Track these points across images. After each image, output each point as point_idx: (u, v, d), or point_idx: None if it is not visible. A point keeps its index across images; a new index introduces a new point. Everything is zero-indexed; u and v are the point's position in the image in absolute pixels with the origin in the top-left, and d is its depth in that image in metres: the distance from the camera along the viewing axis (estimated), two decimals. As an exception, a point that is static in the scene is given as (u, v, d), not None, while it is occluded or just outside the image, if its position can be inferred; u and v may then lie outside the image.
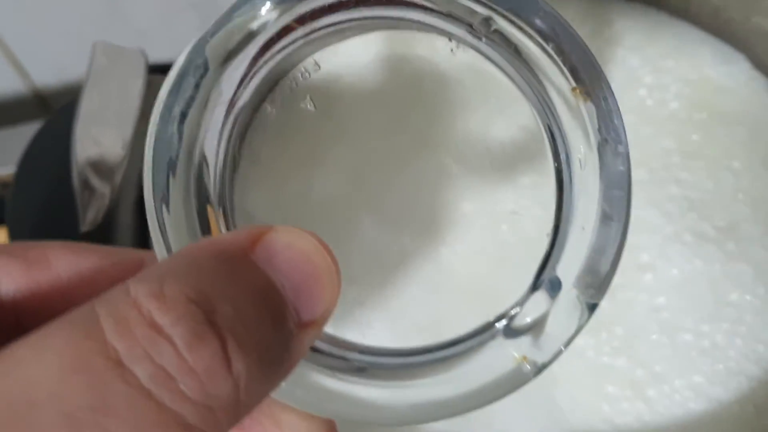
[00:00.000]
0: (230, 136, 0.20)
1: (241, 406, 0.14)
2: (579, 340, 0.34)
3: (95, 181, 0.30)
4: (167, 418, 0.13)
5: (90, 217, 0.29)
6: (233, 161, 0.21)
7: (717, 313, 0.35)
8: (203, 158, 0.19)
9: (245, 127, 0.22)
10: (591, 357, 0.34)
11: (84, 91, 0.31)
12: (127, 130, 0.30)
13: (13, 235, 0.39)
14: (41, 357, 0.13)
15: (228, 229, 0.20)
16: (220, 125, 0.20)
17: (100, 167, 0.30)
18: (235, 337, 0.14)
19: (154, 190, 0.18)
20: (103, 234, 0.30)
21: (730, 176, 0.38)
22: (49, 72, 0.60)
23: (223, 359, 0.14)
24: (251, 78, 0.20)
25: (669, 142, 0.39)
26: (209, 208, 0.19)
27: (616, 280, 0.36)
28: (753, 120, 0.40)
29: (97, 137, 0.30)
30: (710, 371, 0.34)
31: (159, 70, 0.35)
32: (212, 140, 0.19)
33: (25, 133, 0.53)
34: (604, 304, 0.35)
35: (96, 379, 0.13)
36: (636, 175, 0.39)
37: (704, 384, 0.34)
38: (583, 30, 0.43)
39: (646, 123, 0.40)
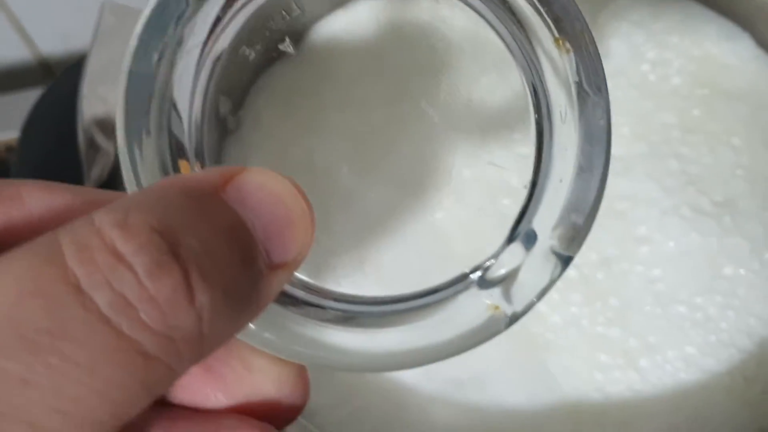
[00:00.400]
0: (208, 86, 0.19)
1: (204, 341, 0.14)
2: (573, 309, 0.35)
3: (100, 139, 0.30)
4: (125, 345, 0.13)
5: (95, 174, 0.30)
6: (217, 118, 0.20)
7: (711, 286, 0.35)
8: (173, 106, 0.18)
9: (230, 80, 0.22)
10: (585, 326, 0.35)
11: (91, 49, 0.32)
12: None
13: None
14: (2, 280, 0.13)
15: None
16: (193, 71, 0.19)
17: (105, 125, 0.30)
18: (199, 269, 0.14)
19: (126, 130, 0.17)
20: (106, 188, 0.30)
21: (730, 152, 0.39)
22: (54, 40, 0.60)
23: (185, 290, 0.14)
24: (230, 20, 0.19)
25: (670, 117, 0.40)
26: (183, 163, 0.18)
27: (613, 251, 0.36)
28: (755, 97, 0.41)
29: (105, 95, 0.30)
30: (702, 343, 0.34)
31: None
32: (185, 88, 0.19)
33: (30, 98, 0.53)
34: (600, 275, 0.36)
35: (54, 303, 0.13)
36: (636, 148, 0.39)
37: (696, 355, 0.34)
38: (588, 3, 0.43)
39: (647, 98, 0.40)
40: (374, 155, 0.34)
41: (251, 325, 0.17)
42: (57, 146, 0.36)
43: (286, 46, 0.21)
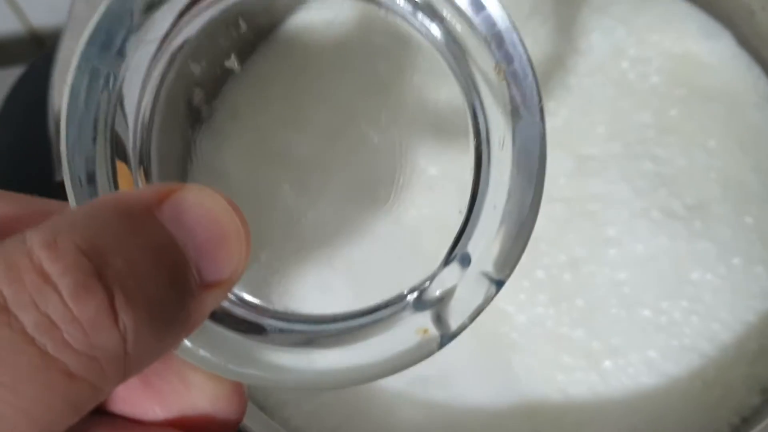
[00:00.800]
0: (160, 85, 0.19)
1: (130, 360, 0.15)
2: (539, 309, 0.36)
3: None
4: (50, 365, 0.14)
5: (64, 168, 0.30)
6: (189, 107, 0.20)
7: (677, 290, 0.36)
8: (119, 102, 0.18)
9: (203, 73, 0.22)
10: (550, 327, 0.35)
11: (62, 37, 0.32)
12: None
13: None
14: None
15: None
16: (145, 67, 0.19)
17: (74, 119, 0.31)
18: (123, 291, 0.14)
19: (67, 144, 0.17)
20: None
21: (704, 154, 0.39)
22: (44, 11, 0.60)
23: (109, 312, 0.14)
24: (192, 18, 0.19)
25: (647, 117, 0.40)
26: (121, 166, 0.18)
27: (581, 252, 0.36)
28: (732, 98, 0.41)
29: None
30: (665, 347, 0.35)
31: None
32: (134, 84, 0.18)
33: (17, 73, 0.53)
34: (567, 276, 0.36)
35: None
36: (611, 148, 0.39)
37: (657, 359, 0.35)
38: (571, -3, 0.43)
39: (625, 96, 0.40)
40: (343, 150, 0.34)
41: (187, 342, 0.17)
42: (32, 130, 0.36)
43: (232, 63, 0.21)
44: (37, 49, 0.63)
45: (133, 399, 0.18)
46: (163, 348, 0.16)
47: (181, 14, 0.19)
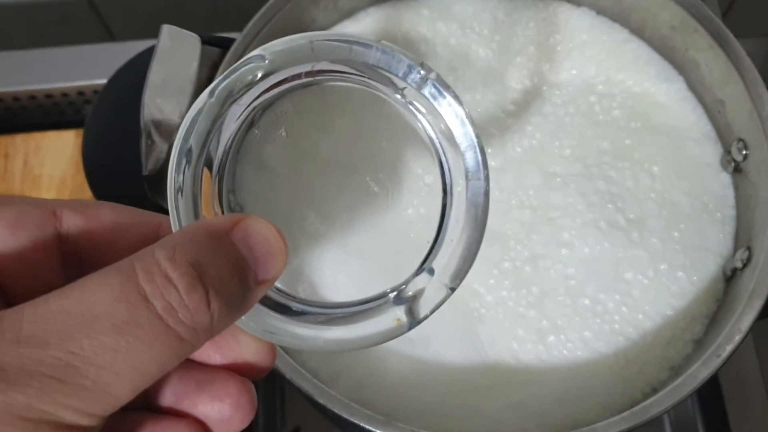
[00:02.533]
0: (239, 128, 0.27)
1: (213, 330, 0.23)
2: (504, 293, 0.45)
3: (156, 137, 0.40)
4: (170, 333, 0.22)
5: (150, 165, 0.39)
6: (249, 125, 0.28)
7: (613, 286, 0.45)
8: (218, 134, 0.26)
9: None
10: (510, 306, 0.44)
11: (152, 65, 0.41)
12: (183, 103, 0.40)
13: (86, 146, 0.48)
14: (102, 289, 0.22)
15: (220, 192, 0.28)
16: (237, 116, 0.27)
17: (161, 127, 0.40)
18: (214, 289, 0.22)
19: (174, 186, 0.25)
20: (157, 179, 0.40)
21: (648, 178, 0.47)
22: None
23: (205, 302, 0.22)
24: (266, 92, 0.27)
25: (606, 144, 0.48)
26: (206, 172, 0.26)
27: (540, 250, 0.46)
28: (677, 133, 0.49)
29: (161, 106, 0.39)
30: (598, 329, 0.44)
31: (209, 43, 0.44)
32: (229, 126, 0.27)
33: (84, 52, 0.62)
34: (528, 268, 0.46)
35: (132, 306, 0.21)
36: (573, 168, 0.49)
37: (591, 339, 0.44)
38: (554, 39, 0.52)
39: (591, 125, 0.49)
40: (362, 155, 0.42)
41: (243, 317, 0.26)
42: (127, 117, 0.43)
43: (282, 131, 0.30)
44: (91, 11, 0.70)
45: (202, 350, 0.27)
46: (232, 322, 0.24)
47: (262, 92, 0.28)
